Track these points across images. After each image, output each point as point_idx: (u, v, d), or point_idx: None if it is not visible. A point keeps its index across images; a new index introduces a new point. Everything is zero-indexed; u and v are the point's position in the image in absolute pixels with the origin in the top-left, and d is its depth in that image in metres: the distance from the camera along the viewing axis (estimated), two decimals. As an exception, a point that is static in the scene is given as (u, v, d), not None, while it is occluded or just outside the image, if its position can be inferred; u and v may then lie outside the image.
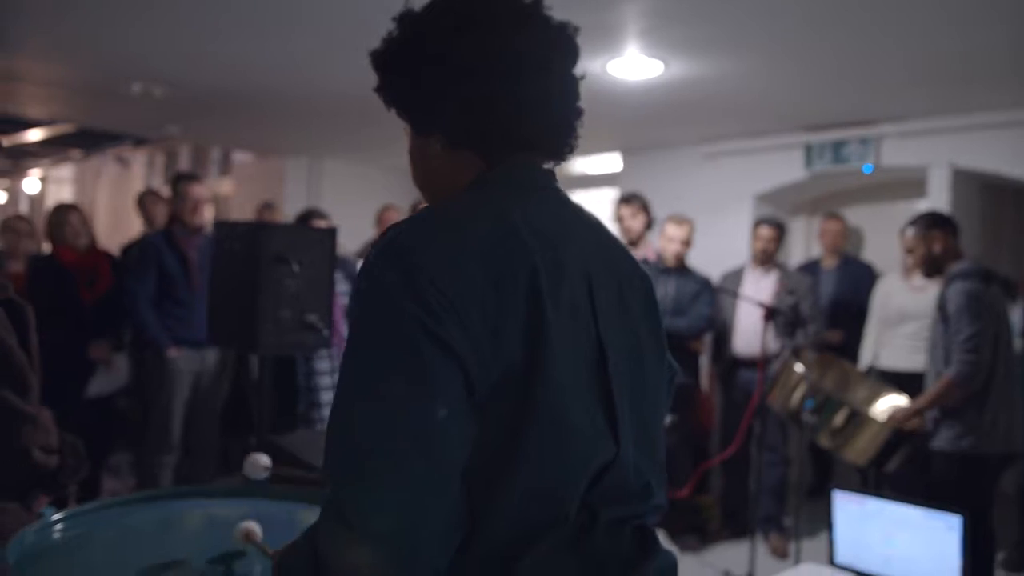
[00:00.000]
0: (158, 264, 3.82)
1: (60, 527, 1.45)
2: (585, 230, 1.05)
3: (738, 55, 3.50)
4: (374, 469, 0.85)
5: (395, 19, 1.03)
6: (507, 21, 1.00)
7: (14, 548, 1.29)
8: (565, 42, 1.04)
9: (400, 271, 0.88)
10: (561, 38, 1.04)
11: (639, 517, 1.02)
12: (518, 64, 0.99)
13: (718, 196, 5.11)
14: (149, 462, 3.93)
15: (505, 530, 0.91)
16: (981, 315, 2.93)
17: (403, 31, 1.02)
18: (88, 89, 4.49)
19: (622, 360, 1.00)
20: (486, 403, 0.88)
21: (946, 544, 2.43)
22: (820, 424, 3.27)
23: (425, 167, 1.07)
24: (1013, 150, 4.13)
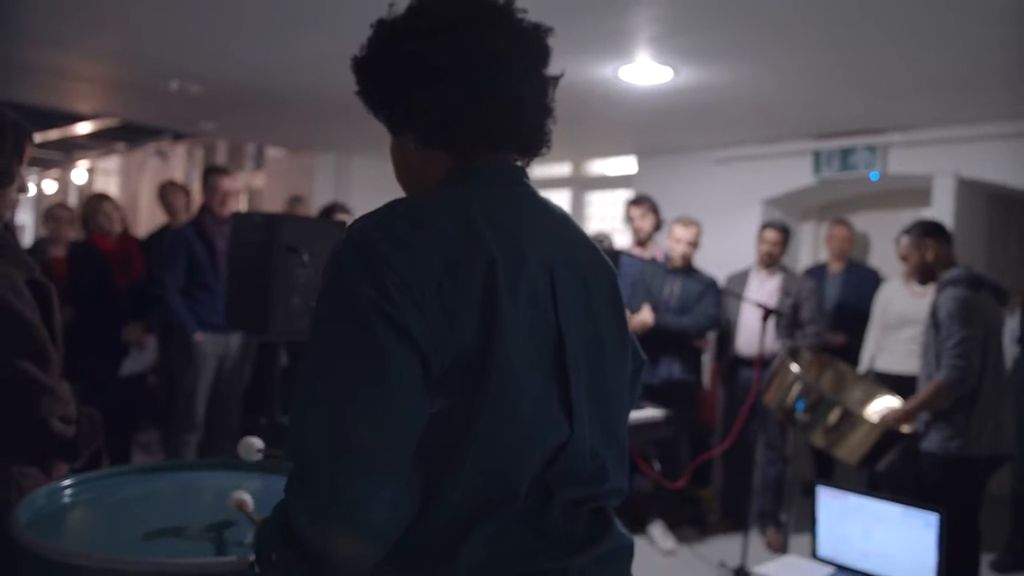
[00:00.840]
0: (188, 253, 4.05)
1: (69, 492, 1.59)
2: (551, 224, 1.09)
3: (746, 63, 3.60)
4: (328, 444, 0.89)
5: (372, 25, 1.09)
6: (476, 25, 1.03)
7: (25, 509, 1.42)
8: (534, 44, 1.08)
9: (360, 257, 0.93)
10: (530, 40, 1.07)
11: (596, 500, 1.06)
12: (486, 67, 1.02)
13: (729, 200, 5.21)
14: (174, 440, 4.16)
15: (458, 504, 0.95)
16: (971, 321, 2.99)
17: (377, 36, 1.08)
18: (130, 86, 4.73)
19: (582, 348, 1.04)
20: (442, 383, 0.93)
21: (923, 541, 2.54)
22: (814, 423, 3.36)
23: (402, 166, 1.13)
24: (1017, 161, 4.18)
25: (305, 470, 0.92)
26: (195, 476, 1.79)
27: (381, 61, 1.07)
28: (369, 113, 1.13)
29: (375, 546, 0.92)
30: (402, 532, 0.94)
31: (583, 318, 1.06)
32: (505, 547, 0.97)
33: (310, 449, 0.91)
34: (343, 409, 0.90)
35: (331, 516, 0.90)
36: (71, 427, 1.61)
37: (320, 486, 0.90)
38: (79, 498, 1.60)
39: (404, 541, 0.95)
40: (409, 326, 0.90)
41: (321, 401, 0.91)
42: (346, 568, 0.94)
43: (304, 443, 0.92)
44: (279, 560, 1.00)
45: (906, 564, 2.55)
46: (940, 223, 3.33)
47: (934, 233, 3.24)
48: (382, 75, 1.07)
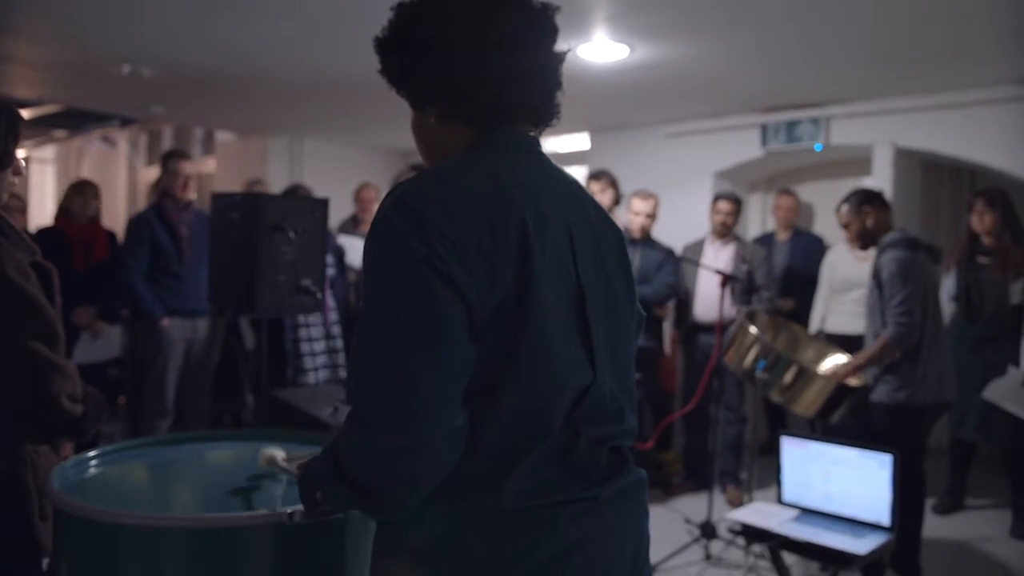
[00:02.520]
0: (151, 239, 4.02)
1: (95, 463, 1.67)
2: (566, 188, 1.19)
3: (700, 40, 3.72)
4: (393, 388, 0.99)
5: (392, 8, 1.17)
6: (488, 9, 1.11)
7: (56, 477, 1.49)
8: (544, 22, 1.16)
9: (408, 219, 1.02)
10: (540, 18, 1.15)
11: (615, 438, 1.16)
12: (500, 44, 1.10)
13: (681, 173, 5.39)
14: (145, 427, 4.14)
15: (500, 440, 1.05)
16: (911, 280, 3.19)
17: (397, 17, 1.16)
18: (76, 70, 4.61)
19: (598, 300, 1.14)
20: (484, 331, 1.02)
21: (879, 480, 2.74)
22: (771, 381, 3.54)
23: (424, 138, 1.21)
24: (948, 131, 4.45)
25: (369, 416, 1.01)
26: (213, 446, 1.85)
27: (402, 40, 1.15)
28: (391, 89, 1.21)
29: (431, 481, 1.03)
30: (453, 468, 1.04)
31: (598, 273, 1.16)
32: (543, 478, 1.07)
33: (378, 393, 1.01)
34: (407, 356, 0.99)
35: (395, 456, 1.00)
36: (79, 405, 1.65)
37: (388, 426, 1.00)
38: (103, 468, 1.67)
39: (453, 474, 1.04)
40: (457, 280, 0.99)
41: (386, 349, 1.00)
42: (401, 502, 1.04)
43: (371, 388, 1.01)
44: (326, 497, 1.10)
45: (864, 503, 2.75)
46: (876, 191, 3.53)
47: (872, 200, 3.43)
48: (404, 53, 1.15)
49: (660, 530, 3.97)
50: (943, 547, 3.84)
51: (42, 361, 1.55)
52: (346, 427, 1.05)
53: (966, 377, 4.07)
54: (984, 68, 4.04)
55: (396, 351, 1.00)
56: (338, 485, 1.06)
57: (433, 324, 0.99)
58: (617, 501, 1.15)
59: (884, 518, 2.69)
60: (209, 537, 1.34)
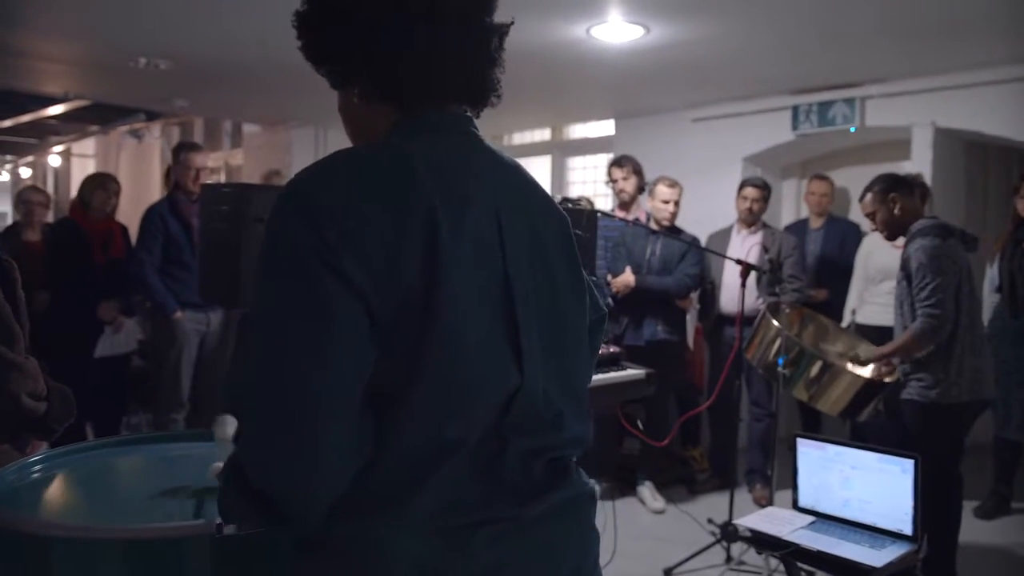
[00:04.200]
0: (163, 231, 4.02)
1: (39, 468, 1.59)
2: (499, 172, 1.08)
3: (717, 18, 3.56)
4: (277, 393, 0.90)
5: None
6: None
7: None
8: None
9: (300, 210, 0.93)
10: None
11: (554, 449, 1.06)
12: (422, 16, 1.01)
13: (708, 159, 5.19)
14: (162, 419, 4.16)
15: (408, 451, 0.95)
16: (942, 270, 2.99)
17: None
18: (96, 64, 4.65)
19: (532, 294, 1.04)
20: (388, 329, 0.93)
21: (900, 486, 2.56)
22: (795, 376, 3.37)
23: (349, 120, 1.12)
24: (993, 109, 4.17)
25: (254, 419, 0.93)
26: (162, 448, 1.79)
27: (320, 14, 1.06)
28: (312, 67, 1.11)
29: (325, 492, 0.93)
30: (356, 481, 0.94)
31: (534, 264, 1.05)
32: (458, 495, 0.97)
33: (259, 399, 0.92)
34: (291, 359, 0.90)
35: (281, 465, 0.91)
36: (41, 403, 1.61)
37: (270, 434, 0.91)
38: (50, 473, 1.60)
39: (358, 489, 0.95)
40: (351, 274, 0.91)
41: (268, 352, 0.92)
42: (297, 514, 0.94)
43: (253, 393, 0.93)
44: (234, 510, 1.01)
45: (885, 510, 2.58)
46: (901, 176, 3.31)
47: (898, 187, 3.21)
48: (322, 28, 1.06)
49: (681, 530, 3.85)
50: (985, 553, 3.61)
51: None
52: (235, 438, 0.96)
53: (1011, 373, 3.83)
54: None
55: (281, 351, 0.91)
56: (237, 497, 0.97)
57: (322, 322, 0.90)
58: (549, 520, 1.04)
59: (906, 527, 2.51)
60: (145, 549, 1.28)
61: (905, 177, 3.29)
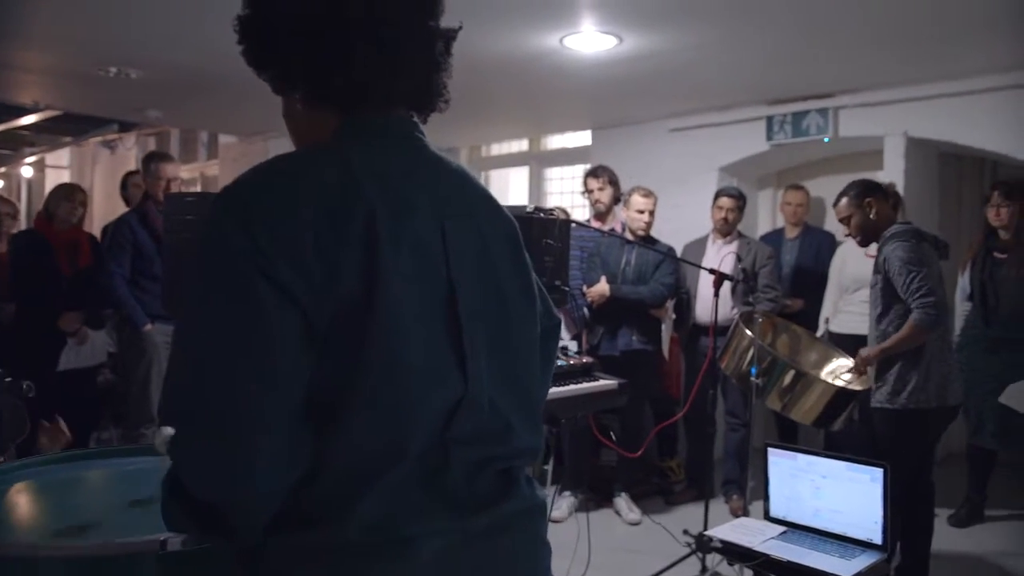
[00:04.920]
0: (133, 243, 3.97)
1: None
2: (445, 177, 1.07)
3: (691, 29, 3.56)
4: (208, 404, 0.89)
5: None
6: None
7: None
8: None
9: (234, 213, 0.91)
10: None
11: (502, 459, 1.04)
12: (363, 19, 1.00)
13: (685, 169, 5.20)
14: (132, 433, 4.09)
15: (348, 463, 0.93)
16: (923, 262, 2.99)
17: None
18: (66, 74, 4.59)
19: (478, 300, 1.02)
20: (327, 337, 0.91)
21: (870, 495, 2.56)
22: (769, 386, 3.36)
23: (292, 126, 1.10)
24: (965, 119, 4.20)
25: (186, 430, 0.92)
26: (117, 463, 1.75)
27: (260, 18, 1.04)
28: (254, 73, 1.08)
29: (260, 502, 0.92)
30: (296, 492, 0.93)
31: (480, 270, 1.04)
32: (401, 506, 0.95)
33: (191, 407, 0.91)
34: (221, 368, 0.89)
35: (213, 474, 0.90)
36: None
37: (203, 446, 0.90)
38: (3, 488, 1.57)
39: (298, 501, 0.93)
40: (285, 280, 0.89)
41: (198, 359, 0.90)
42: (234, 524, 0.93)
43: (184, 403, 0.92)
44: (176, 521, 0.99)
45: (855, 519, 2.57)
46: (875, 182, 3.32)
47: (873, 192, 3.23)
48: (262, 33, 1.04)
49: (656, 541, 3.82)
50: (959, 561, 3.61)
51: None
52: (169, 447, 0.95)
53: (983, 381, 3.84)
54: (1003, 51, 3.79)
55: (211, 358, 0.90)
56: (177, 508, 0.96)
57: (254, 329, 0.89)
58: (496, 533, 1.01)
59: (876, 536, 2.50)
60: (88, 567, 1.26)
61: (880, 184, 3.30)
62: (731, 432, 4.36)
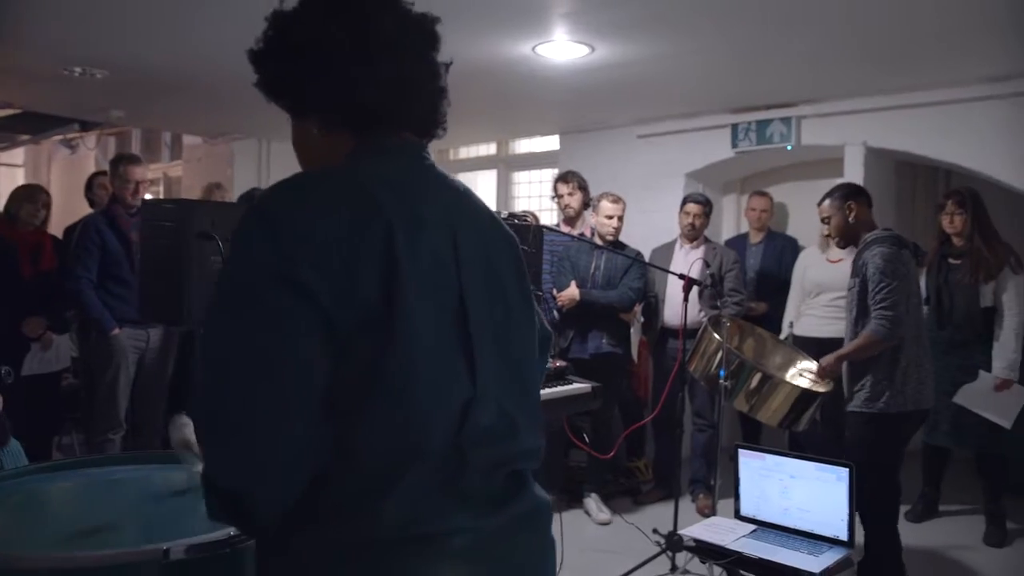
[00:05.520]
0: (100, 245, 3.91)
1: None
2: (451, 194, 1.14)
3: (662, 39, 3.64)
4: (232, 402, 0.94)
5: (266, 18, 1.12)
6: (368, 13, 1.08)
7: None
8: (425, 28, 1.13)
9: (260, 223, 0.98)
10: (421, 25, 1.13)
11: (511, 460, 1.09)
12: (382, 49, 1.07)
13: (652, 175, 5.30)
14: (98, 440, 4.03)
15: (372, 461, 0.98)
16: (897, 275, 3.03)
17: (274, 25, 1.11)
18: (29, 73, 4.50)
19: (486, 309, 1.08)
20: (348, 341, 0.96)
21: (836, 494, 2.65)
22: (736, 388, 3.45)
23: (307, 151, 1.16)
24: (921, 130, 4.37)
25: (212, 426, 0.96)
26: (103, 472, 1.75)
27: (278, 50, 1.10)
28: (269, 102, 1.15)
29: (277, 496, 0.96)
30: (318, 491, 0.97)
31: (487, 281, 1.10)
32: (421, 507, 1.00)
33: (216, 407, 0.96)
34: (243, 368, 0.94)
35: (235, 466, 0.94)
36: None
37: (225, 441, 0.95)
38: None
39: (323, 501, 0.98)
40: (310, 286, 0.94)
41: (223, 361, 0.95)
42: (252, 516, 0.97)
43: (209, 401, 0.96)
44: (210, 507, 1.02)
45: (822, 517, 2.67)
46: (861, 186, 3.37)
47: (856, 195, 3.28)
48: (280, 63, 1.10)
49: (626, 541, 3.89)
50: (916, 555, 3.74)
51: None
52: (198, 441, 1.00)
53: (938, 382, 3.97)
54: (959, 66, 3.96)
55: (233, 361, 0.95)
56: (208, 496, 0.99)
57: (278, 330, 0.94)
58: (510, 532, 1.07)
59: (842, 533, 2.60)
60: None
61: (863, 188, 3.34)
62: (698, 432, 4.45)
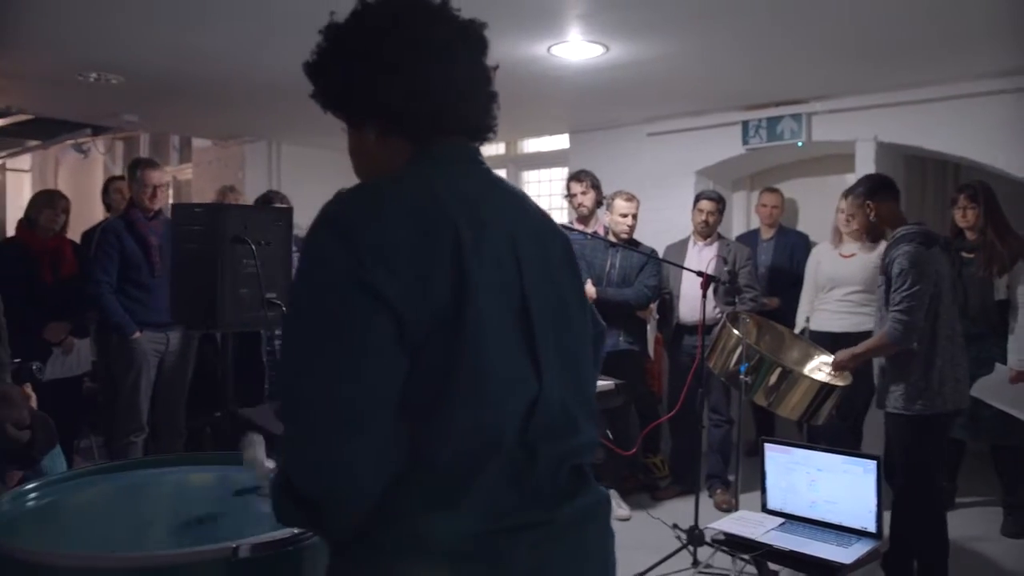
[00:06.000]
0: (119, 249, 3.93)
1: (33, 496, 1.57)
2: (508, 197, 1.18)
3: (674, 38, 3.67)
4: (312, 405, 0.97)
5: (321, 31, 1.14)
6: (421, 20, 1.11)
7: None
8: (474, 35, 1.16)
9: (333, 229, 1.01)
10: (470, 31, 1.15)
11: (573, 455, 1.12)
12: (436, 56, 1.10)
13: (662, 172, 5.32)
14: (119, 443, 4.05)
15: (449, 460, 1.01)
16: (921, 277, 2.93)
17: (328, 39, 1.14)
18: (45, 79, 4.52)
19: (546, 307, 1.11)
20: (420, 342, 0.99)
21: (864, 486, 2.68)
22: (756, 384, 3.47)
23: (363, 158, 1.19)
24: (932, 125, 4.40)
25: (293, 429, 0.99)
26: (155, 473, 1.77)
27: (335, 61, 1.13)
28: (326, 112, 1.18)
29: (356, 495, 0.99)
30: (395, 490, 1.00)
31: (545, 281, 1.13)
32: (497, 502, 1.03)
33: (297, 410, 0.99)
34: (325, 369, 0.97)
35: (316, 470, 0.97)
36: (25, 432, 1.59)
37: (306, 443, 0.98)
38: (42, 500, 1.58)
39: (401, 499, 1.00)
40: (383, 289, 0.97)
41: (303, 367, 0.99)
42: (332, 516, 1.00)
43: (291, 405, 1.00)
44: (286, 514, 1.06)
45: (850, 509, 2.69)
46: (886, 179, 3.26)
47: (877, 192, 3.15)
48: (337, 74, 1.13)
49: (647, 536, 3.91)
50: (933, 548, 3.78)
51: None
52: (280, 444, 1.02)
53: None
54: (967, 62, 3.99)
55: (314, 361, 0.98)
56: (284, 499, 1.02)
57: (355, 333, 0.97)
58: (577, 524, 1.11)
59: (870, 524, 2.63)
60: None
61: (890, 181, 3.23)
62: (714, 428, 4.48)
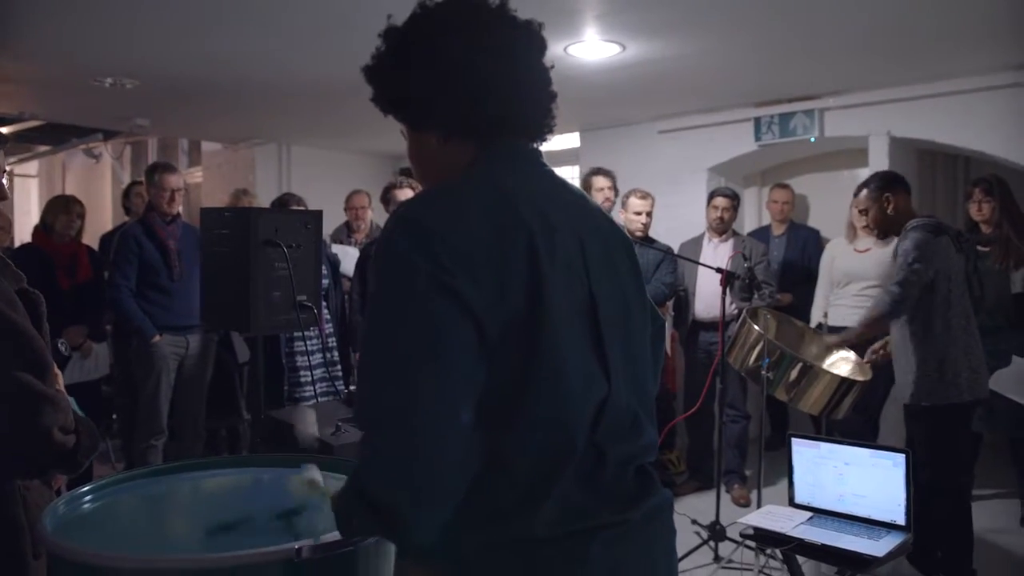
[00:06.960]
0: (138, 254, 3.94)
1: (88, 499, 1.59)
2: (572, 197, 1.17)
3: (690, 37, 3.69)
4: (394, 412, 0.96)
5: (380, 35, 1.15)
6: (482, 23, 1.11)
7: (49, 518, 1.42)
8: (534, 36, 1.16)
9: (411, 236, 0.99)
10: (529, 31, 1.16)
11: (638, 455, 1.13)
12: (497, 58, 1.10)
13: (674, 170, 5.34)
14: (140, 446, 4.06)
15: (526, 462, 1.01)
16: (922, 259, 2.96)
17: (389, 43, 1.14)
18: (58, 84, 4.53)
19: (611, 308, 1.11)
20: (496, 346, 0.98)
21: (893, 479, 2.68)
22: (776, 379, 3.49)
23: (425, 162, 1.19)
24: (944, 119, 4.41)
25: (375, 437, 0.98)
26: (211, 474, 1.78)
27: (396, 66, 1.13)
28: (387, 116, 1.18)
29: (436, 502, 0.97)
30: (479, 493, 1.00)
31: (609, 281, 1.14)
32: (572, 504, 1.03)
33: (379, 417, 0.97)
34: (406, 378, 0.95)
35: (400, 477, 0.95)
36: (71, 437, 1.59)
37: (390, 450, 0.96)
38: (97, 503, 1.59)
39: (482, 502, 1.00)
40: (464, 293, 0.96)
41: (386, 373, 0.97)
42: (410, 524, 0.97)
43: (372, 412, 0.98)
44: (360, 524, 1.05)
45: (878, 502, 2.70)
46: (898, 174, 3.31)
47: (892, 185, 3.20)
48: (400, 78, 1.13)
49: (668, 533, 3.93)
50: (953, 540, 3.79)
51: (32, 393, 1.48)
52: (359, 455, 1.02)
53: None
54: (979, 56, 4.00)
55: (397, 367, 0.96)
56: (359, 508, 1.00)
57: (435, 339, 0.96)
58: (647, 524, 1.12)
59: (900, 518, 2.64)
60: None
61: (902, 177, 3.28)
62: (731, 423, 4.50)
